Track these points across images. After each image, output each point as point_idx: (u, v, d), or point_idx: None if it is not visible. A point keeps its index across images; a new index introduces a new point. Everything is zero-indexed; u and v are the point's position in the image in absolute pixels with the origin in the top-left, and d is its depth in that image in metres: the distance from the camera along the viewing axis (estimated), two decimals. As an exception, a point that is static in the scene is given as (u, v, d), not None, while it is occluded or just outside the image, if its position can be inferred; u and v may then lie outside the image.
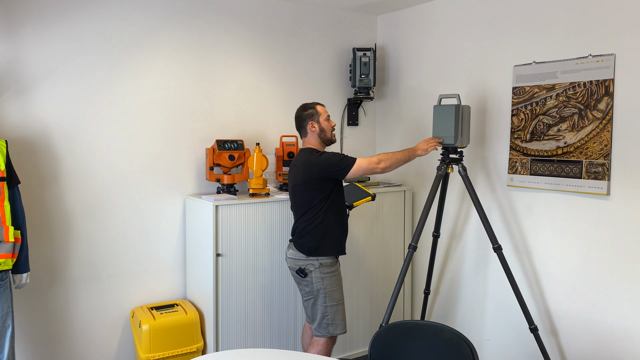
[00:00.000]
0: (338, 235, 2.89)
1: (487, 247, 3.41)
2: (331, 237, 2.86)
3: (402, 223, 3.92)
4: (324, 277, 2.84)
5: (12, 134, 2.92)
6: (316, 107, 2.96)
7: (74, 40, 3.07)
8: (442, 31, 3.70)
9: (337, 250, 2.90)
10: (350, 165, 2.77)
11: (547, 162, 3.06)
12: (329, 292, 2.85)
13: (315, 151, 2.86)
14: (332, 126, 2.96)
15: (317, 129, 2.92)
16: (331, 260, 2.87)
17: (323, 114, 2.94)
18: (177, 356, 3.13)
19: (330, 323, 2.86)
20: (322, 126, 2.93)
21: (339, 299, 2.88)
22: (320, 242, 2.83)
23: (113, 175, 3.23)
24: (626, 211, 2.74)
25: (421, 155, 2.97)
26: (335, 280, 2.88)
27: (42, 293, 3.06)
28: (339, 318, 2.87)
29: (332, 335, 2.87)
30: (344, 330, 2.89)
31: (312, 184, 2.80)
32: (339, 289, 2.89)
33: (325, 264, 2.85)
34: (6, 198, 2.52)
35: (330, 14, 4.00)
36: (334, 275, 2.88)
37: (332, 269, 2.87)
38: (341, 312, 2.88)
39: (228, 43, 3.57)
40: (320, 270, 2.84)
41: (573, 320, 3.00)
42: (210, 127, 3.53)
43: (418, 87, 3.90)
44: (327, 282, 2.85)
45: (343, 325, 2.89)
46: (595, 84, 2.82)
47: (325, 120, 2.94)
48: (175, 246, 3.47)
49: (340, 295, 2.89)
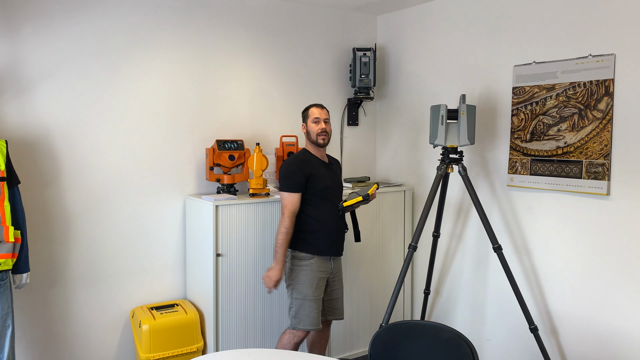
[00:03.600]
0: (315, 237, 2.93)
1: (487, 247, 3.41)
2: (306, 237, 2.94)
3: (402, 223, 3.92)
4: (293, 269, 2.95)
5: (12, 134, 2.92)
6: (310, 109, 3.03)
7: (74, 40, 3.07)
8: (442, 31, 3.70)
9: (312, 250, 2.93)
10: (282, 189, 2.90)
11: (547, 162, 3.06)
12: (296, 285, 2.93)
13: (296, 155, 3.00)
14: (319, 129, 2.95)
15: (305, 131, 3.03)
16: (303, 254, 2.93)
17: (311, 116, 2.99)
18: (177, 356, 3.13)
19: (294, 315, 2.92)
20: (308, 128, 3.00)
21: (305, 295, 2.90)
22: (297, 235, 2.94)
23: (113, 175, 3.23)
24: (626, 211, 2.74)
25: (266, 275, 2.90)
26: (304, 275, 2.91)
27: (42, 293, 3.06)
28: (303, 313, 2.90)
29: (295, 328, 2.91)
30: (311, 327, 2.90)
31: None
32: (308, 285, 2.90)
33: (297, 257, 2.94)
34: (6, 198, 2.52)
35: (330, 14, 4.00)
36: (303, 270, 2.91)
37: (303, 263, 2.92)
38: (307, 307, 2.90)
39: (228, 43, 3.57)
40: (292, 262, 2.96)
41: (573, 320, 3.00)
42: (210, 127, 3.53)
43: (418, 87, 3.90)
44: (295, 275, 2.94)
45: (309, 322, 2.89)
46: (595, 84, 2.82)
47: (312, 122, 2.98)
48: (175, 246, 3.47)
49: (307, 291, 2.90)
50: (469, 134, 3.05)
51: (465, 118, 3.04)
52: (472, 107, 3.08)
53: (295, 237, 2.95)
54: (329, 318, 3.09)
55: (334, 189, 3.03)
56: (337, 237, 3.01)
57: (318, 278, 2.94)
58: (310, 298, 2.91)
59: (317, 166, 2.96)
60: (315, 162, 2.98)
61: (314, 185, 2.91)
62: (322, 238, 2.94)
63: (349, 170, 4.15)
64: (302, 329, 2.91)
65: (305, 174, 2.89)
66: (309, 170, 2.91)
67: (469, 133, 3.05)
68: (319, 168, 2.96)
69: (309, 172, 2.90)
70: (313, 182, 2.91)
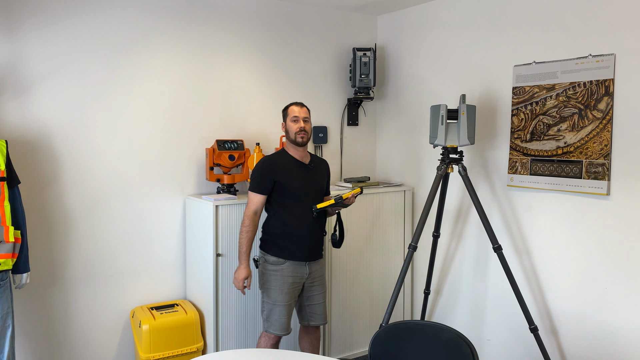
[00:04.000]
0: (285, 241, 2.86)
1: (487, 247, 3.41)
2: (276, 241, 2.88)
3: (402, 223, 3.92)
4: (265, 273, 2.90)
5: (12, 134, 2.92)
6: (289, 107, 2.94)
7: (74, 40, 3.07)
8: (442, 31, 3.70)
9: (282, 254, 2.86)
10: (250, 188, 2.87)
11: (547, 162, 3.06)
12: (266, 289, 2.89)
13: (271, 156, 2.96)
14: (298, 127, 2.86)
15: (284, 129, 2.95)
16: (275, 259, 2.86)
17: (290, 115, 2.90)
18: (177, 356, 3.13)
19: (265, 319, 2.89)
20: (287, 127, 2.92)
21: (276, 300, 2.84)
22: (267, 237, 2.92)
23: (113, 175, 3.23)
24: (626, 211, 2.74)
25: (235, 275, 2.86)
26: (275, 280, 2.85)
27: (42, 293, 3.06)
28: (273, 318, 2.86)
29: (266, 331, 2.88)
30: (280, 332, 2.86)
31: None
32: (278, 290, 2.84)
33: (269, 261, 2.88)
34: (6, 198, 2.52)
35: (330, 14, 4.00)
36: (274, 274, 2.86)
37: (275, 267, 2.86)
38: (276, 313, 2.85)
39: (228, 43, 3.57)
40: (264, 265, 2.91)
41: (573, 320, 3.00)
42: (210, 127, 3.53)
43: (418, 87, 3.90)
44: (267, 279, 2.88)
45: (278, 327, 2.85)
46: (595, 84, 2.82)
47: (290, 121, 2.89)
48: (175, 246, 3.47)
49: (278, 296, 2.84)
50: (469, 134, 3.05)
51: (465, 118, 3.04)
52: (472, 107, 3.08)
53: (267, 240, 2.90)
54: (311, 323, 3.01)
55: (310, 191, 2.92)
56: (311, 242, 2.90)
57: (289, 284, 2.86)
58: (280, 304, 2.84)
59: (289, 168, 2.87)
60: (289, 164, 2.89)
61: (283, 188, 2.84)
62: (294, 242, 2.86)
63: (349, 170, 4.15)
64: (272, 333, 2.87)
65: (272, 177, 2.83)
66: (278, 174, 2.84)
67: (469, 133, 3.05)
68: (291, 170, 2.87)
69: (277, 176, 2.83)
70: (282, 185, 2.83)
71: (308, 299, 2.99)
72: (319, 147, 4.00)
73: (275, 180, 2.84)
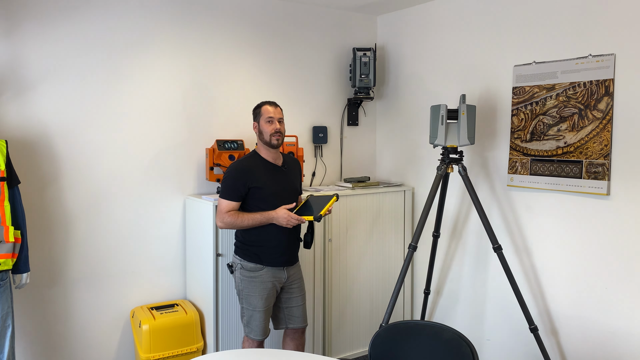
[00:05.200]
0: (261, 248, 2.77)
1: (487, 247, 3.41)
2: (252, 247, 2.79)
3: (402, 223, 3.92)
4: (243, 280, 2.81)
5: (12, 134, 2.92)
6: (262, 107, 2.81)
7: (74, 40, 3.07)
8: (442, 31, 3.70)
9: (259, 261, 2.78)
10: (220, 194, 2.78)
11: (547, 162, 3.06)
12: (245, 296, 2.80)
13: (242, 160, 2.82)
14: (273, 129, 2.74)
15: (256, 130, 2.81)
16: (252, 265, 2.78)
17: (264, 115, 2.77)
18: (177, 356, 3.13)
19: (246, 324, 2.85)
20: (261, 128, 2.78)
21: (256, 306, 2.78)
22: (242, 244, 2.83)
23: (113, 176, 3.23)
24: (626, 211, 2.74)
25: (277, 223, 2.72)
26: (254, 287, 2.78)
27: (42, 293, 3.06)
28: (254, 324, 2.81)
29: (247, 336, 2.85)
30: (262, 337, 2.82)
31: None
32: (258, 297, 2.78)
33: (246, 267, 2.80)
34: (6, 198, 2.52)
35: (330, 14, 4.00)
36: (253, 281, 2.78)
37: (252, 274, 2.78)
38: (257, 319, 2.79)
39: (228, 43, 3.57)
40: (241, 271, 2.82)
41: (573, 320, 3.00)
42: (210, 127, 3.53)
43: (418, 87, 3.90)
44: (245, 286, 2.80)
45: (258, 332, 2.80)
46: (595, 84, 2.82)
47: (265, 122, 2.76)
48: (175, 246, 3.47)
49: (258, 302, 2.78)
50: (469, 134, 3.05)
51: (465, 118, 3.04)
52: (472, 107, 3.08)
53: (244, 248, 2.81)
54: (289, 326, 2.94)
55: (284, 195, 2.80)
56: (288, 248, 2.83)
57: (269, 289, 2.80)
58: (259, 309, 2.79)
59: (262, 173, 2.76)
60: (262, 169, 2.78)
61: (259, 194, 2.74)
62: (271, 249, 2.77)
63: (349, 170, 4.15)
64: (252, 338, 2.83)
65: (246, 183, 2.72)
66: (252, 180, 2.72)
67: (469, 133, 3.05)
68: (264, 175, 2.76)
69: (251, 181, 2.72)
70: (257, 190, 2.73)
71: (287, 302, 2.91)
72: (319, 147, 4.00)
73: (249, 187, 2.72)
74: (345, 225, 3.63)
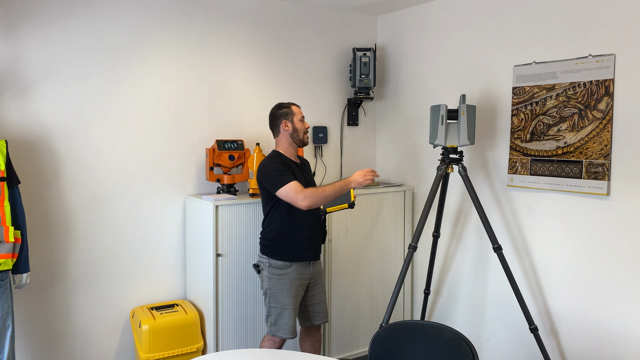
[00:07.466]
0: (291, 244, 2.83)
1: (487, 247, 3.41)
2: (282, 244, 2.84)
3: (402, 223, 3.92)
4: (271, 278, 2.85)
5: (12, 134, 2.92)
6: (291, 106, 2.94)
7: (74, 40, 3.07)
8: (442, 31, 3.70)
9: (288, 257, 2.83)
10: (279, 186, 2.72)
11: (547, 162, 3.06)
12: (273, 294, 2.85)
13: (271, 157, 2.87)
14: (305, 128, 2.93)
15: (290, 129, 2.89)
16: (281, 263, 2.83)
17: (297, 114, 2.91)
18: (177, 356, 3.13)
19: (273, 323, 2.87)
20: (296, 126, 2.90)
21: (284, 304, 2.83)
22: (270, 243, 2.87)
23: (113, 175, 3.23)
24: (626, 211, 2.74)
25: (355, 187, 2.81)
26: (282, 284, 2.83)
27: (42, 293, 3.06)
28: (282, 322, 2.84)
29: (274, 335, 2.87)
30: (289, 336, 2.85)
31: (261, 187, 2.87)
32: (286, 294, 2.83)
33: (274, 266, 2.84)
34: (6, 198, 2.52)
35: (330, 14, 4.00)
36: (281, 278, 2.83)
37: (281, 272, 2.83)
38: (286, 317, 2.84)
39: (228, 43, 3.57)
40: (269, 270, 2.86)
41: (573, 320, 3.00)
42: (210, 127, 3.53)
43: (418, 87, 3.90)
44: (274, 284, 2.84)
45: (287, 331, 2.84)
46: (595, 84, 2.82)
47: (299, 120, 2.91)
48: (175, 246, 3.47)
49: (286, 300, 2.83)
50: (469, 134, 3.05)
51: (465, 118, 3.04)
52: (472, 107, 3.08)
53: (271, 246, 2.86)
54: (314, 323, 3.01)
55: None
56: (315, 242, 2.92)
57: (297, 286, 2.86)
58: (288, 307, 2.83)
59: (294, 170, 2.85)
60: (292, 165, 2.87)
61: None
62: (300, 243, 2.85)
63: (349, 171, 4.15)
64: (281, 337, 2.86)
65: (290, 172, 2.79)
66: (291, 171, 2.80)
67: (469, 133, 3.05)
68: (295, 171, 2.85)
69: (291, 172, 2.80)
70: None
71: (311, 299, 2.99)
72: (319, 147, 4.00)
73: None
74: (345, 226, 3.63)
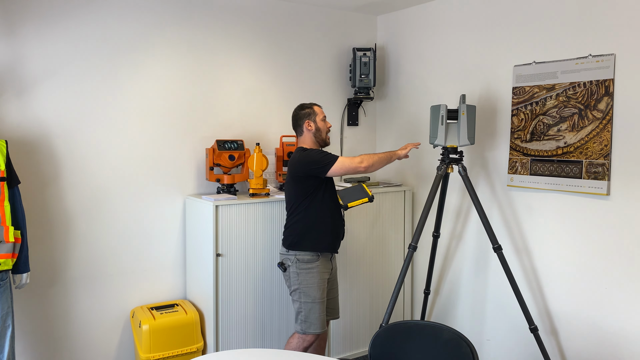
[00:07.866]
0: (321, 233, 2.89)
1: (487, 247, 3.41)
2: (311, 234, 2.87)
3: (402, 223, 3.92)
4: (300, 273, 2.87)
5: (12, 134, 2.92)
6: (313, 107, 3.02)
7: (74, 40, 3.07)
8: (442, 31, 3.70)
9: (318, 247, 2.88)
10: (331, 163, 2.80)
11: (547, 162, 3.06)
12: (304, 289, 2.86)
13: (304, 149, 2.93)
14: (327, 127, 3.02)
15: (313, 128, 2.97)
16: (310, 256, 2.87)
17: (320, 114, 3.00)
18: (177, 356, 3.13)
19: (304, 320, 2.87)
20: (318, 126, 2.98)
21: (315, 297, 2.86)
22: (299, 237, 2.88)
23: (113, 176, 3.23)
24: (626, 211, 2.74)
25: (400, 157, 3.03)
26: (312, 278, 2.86)
27: (42, 293, 3.06)
28: (313, 317, 2.86)
29: (305, 332, 2.87)
30: (319, 331, 2.87)
31: (297, 180, 2.88)
32: (316, 287, 2.86)
33: (303, 260, 2.86)
34: (6, 198, 2.52)
35: (330, 14, 4.00)
36: (311, 272, 2.86)
37: (310, 265, 2.87)
38: (317, 311, 2.86)
39: (228, 43, 3.57)
40: (297, 265, 2.87)
41: (573, 320, 3.00)
42: (210, 127, 3.53)
43: (418, 87, 3.90)
44: (303, 278, 2.86)
45: (318, 325, 2.87)
46: (595, 84, 2.82)
47: (321, 120, 2.99)
48: (175, 246, 3.47)
49: (317, 293, 2.86)
50: (469, 134, 3.05)
51: (465, 118, 3.04)
52: (472, 107, 3.08)
53: (299, 236, 2.88)
54: (327, 318, 3.06)
55: None
56: (340, 234, 3.01)
57: (325, 280, 2.92)
58: (319, 300, 2.87)
59: None
60: None
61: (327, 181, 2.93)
62: (327, 235, 2.91)
63: (349, 170, 4.15)
64: (312, 333, 2.86)
65: None
66: None
67: (469, 133, 3.05)
68: None
69: None
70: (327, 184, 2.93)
71: (328, 294, 3.02)
72: (319, 147, 4.00)
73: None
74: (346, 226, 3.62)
